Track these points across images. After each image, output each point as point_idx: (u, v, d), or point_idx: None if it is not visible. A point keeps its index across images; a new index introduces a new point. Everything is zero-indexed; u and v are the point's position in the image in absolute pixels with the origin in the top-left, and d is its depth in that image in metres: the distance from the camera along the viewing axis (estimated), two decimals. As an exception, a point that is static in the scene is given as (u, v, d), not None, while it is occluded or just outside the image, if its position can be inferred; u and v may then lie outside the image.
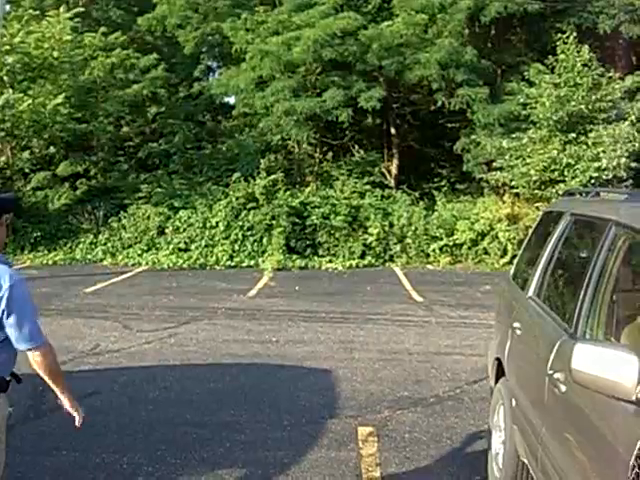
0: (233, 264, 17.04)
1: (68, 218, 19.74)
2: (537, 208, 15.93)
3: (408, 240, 17.42)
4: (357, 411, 6.34)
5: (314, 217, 17.55)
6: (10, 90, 18.65)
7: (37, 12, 19.99)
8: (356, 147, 21.78)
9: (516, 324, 4.52)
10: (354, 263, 16.93)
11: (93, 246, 18.51)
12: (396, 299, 12.32)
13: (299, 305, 11.74)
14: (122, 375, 7.39)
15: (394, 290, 13.46)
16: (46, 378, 3.36)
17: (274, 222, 17.39)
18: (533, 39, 20.64)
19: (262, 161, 19.19)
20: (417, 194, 18.98)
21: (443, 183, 19.81)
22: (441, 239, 17.28)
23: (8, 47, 18.67)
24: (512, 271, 5.66)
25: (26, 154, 21.56)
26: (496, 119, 17.63)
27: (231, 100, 23.34)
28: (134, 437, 5.66)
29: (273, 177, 18.51)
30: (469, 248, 17.16)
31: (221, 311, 11.10)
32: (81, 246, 18.47)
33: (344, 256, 17.21)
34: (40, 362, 3.30)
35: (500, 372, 4.86)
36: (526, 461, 3.89)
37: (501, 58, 20.03)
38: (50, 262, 17.59)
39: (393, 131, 21.19)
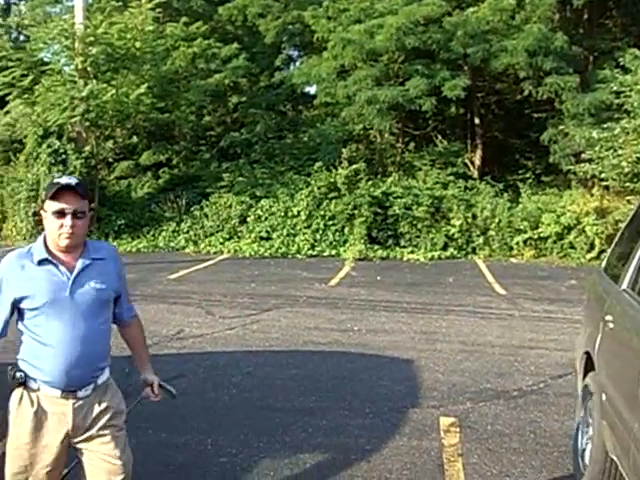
0: (314, 253, 17.10)
1: (151, 206, 20.13)
2: (628, 201, 15.45)
3: (491, 232, 17.14)
4: (439, 401, 6.27)
5: (396, 207, 17.41)
6: (94, 81, 19.06)
7: (119, 3, 20.32)
8: (439, 137, 21.55)
9: (608, 317, 4.38)
10: (436, 254, 16.76)
11: (176, 234, 18.85)
12: (478, 291, 12.15)
13: (380, 295, 11.69)
14: (206, 359, 7.49)
15: (476, 282, 13.27)
16: (140, 344, 3.45)
17: (356, 212, 17.35)
18: (630, 22, 19.96)
19: (344, 151, 19.16)
20: (501, 186, 18.62)
21: (528, 175, 19.41)
22: (525, 232, 16.91)
23: (92, 38, 19.06)
24: (604, 263, 5.49)
25: (110, 144, 22.08)
26: (586, 109, 17.14)
27: (312, 89, 23.39)
28: (218, 420, 5.74)
29: (355, 167, 18.46)
30: (554, 242, 16.75)
31: (303, 299, 11.15)
32: (164, 234, 18.83)
33: (426, 247, 17.05)
34: (140, 327, 3.45)
35: (589, 366, 4.72)
36: (615, 457, 3.77)
37: (593, 44, 19.42)
38: (134, 249, 17.99)
39: (477, 121, 20.88)
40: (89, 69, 19.41)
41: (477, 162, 20.51)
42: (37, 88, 19.81)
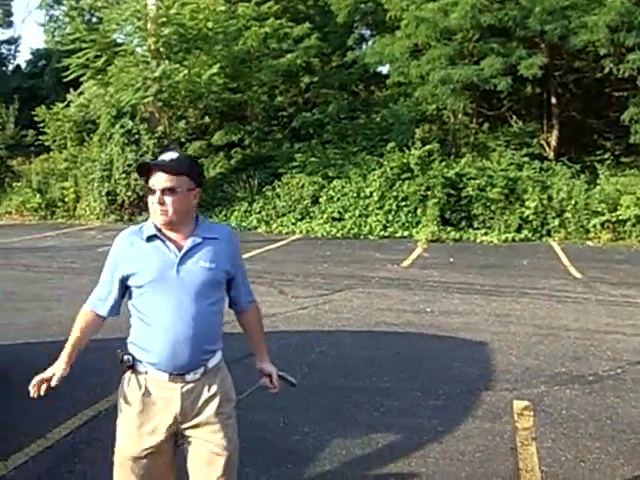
0: (387, 234, 17.06)
1: (223, 186, 20.37)
2: None
3: (567, 214, 16.79)
4: (513, 384, 6.20)
5: (470, 189, 17.21)
6: (166, 61, 19.32)
7: (191, -17, 20.46)
8: (514, 117, 21.19)
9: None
10: (510, 237, 16.53)
11: (248, 214, 19.04)
12: (553, 274, 11.93)
13: (453, 277, 11.60)
14: (278, 339, 7.55)
15: (551, 265, 13.04)
16: (257, 332, 3.35)
17: (429, 193, 17.22)
18: None
19: (417, 131, 19.04)
20: (578, 167, 18.19)
21: (607, 156, 18.89)
22: (603, 214, 16.51)
23: (164, 19, 19.31)
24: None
25: (182, 124, 22.40)
26: (671, 86, 16.57)
27: (385, 69, 23.23)
28: (291, 398, 5.78)
29: (428, 147, 18.31)
30: (633, 225, 16.30)
31: (375, 280, 11.15)
32: (236, 214, 19.04)
33: (500, 229, 16.83)
34: (257, 314, 3.36)
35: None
36: None
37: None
38: (207, 229, 18.18)
39: (554, 100, 20.42)
40: (161, 50, 19.69)
41: (553, 143, 20.08)
42: (110, 69, 20.23)
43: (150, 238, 2.99)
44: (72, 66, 20.87)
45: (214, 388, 3.06)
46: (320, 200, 18.63)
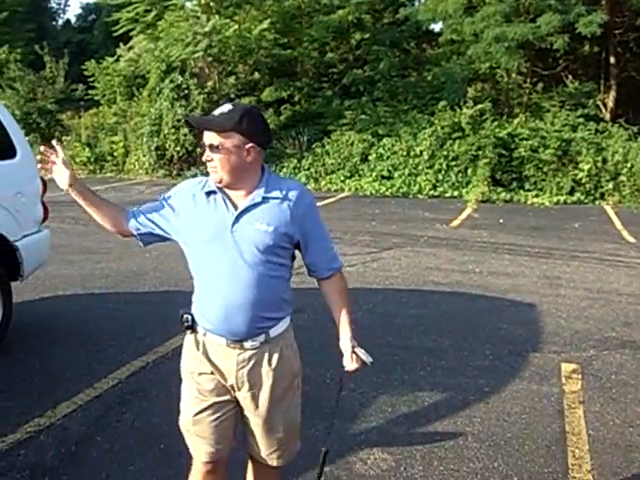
0: (436, 194, 16.92)
1: (272, 143, 20.29)
2: None
3: (622, 178, 16.41)
4: (561, 347, 6.15)
5: (522, 149, 16.90)
6: (217, 16, 19.24)
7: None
8: (569, 77, 20.68)
9: None
10: (562, 199, 16.26)
11: (297, 171, 19.02)
12: (606, 238, 11.73)
13: (503, 238, 11.48)
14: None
15: (604, 229, 12.80)
16: (337, 303, 2.98)
17: (480, 153, 16.97)
18: None
19: (469, 90, 18.75)
20: (635, 129, 17.70)
21: (666, 118, 18.38)
22: (659, 178, 16.13)
23: (214, -27, 19.21)
24: None
25: (232, 79, 22.33)
26: None
27: (437, 26, 22.86)
28: (337, 355, 5.77)
29: (480, 107, 18.01)
30: (690, 188, 15.92)
31: (424, 239, 11.09)
32: (285, 170, 19.03)
33: (551, 191, 16.55)
34: (339, 285, 2.99)
35: None
36: None
37: None
38: (256, 185, 18.24)
39: (612, 60, 19.85)
40: (212, 4, 19.63)
41: (610, 104, 19.59)
42: (160, 24, 20.26)
43: (209, 193, 2.80)
44: (122, 20, 20.97)
45: (275, 358, 2.87)
46: (369, 158, 18.52)
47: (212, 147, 2.72)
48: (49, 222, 6.69)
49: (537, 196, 16.38)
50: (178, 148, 19.73)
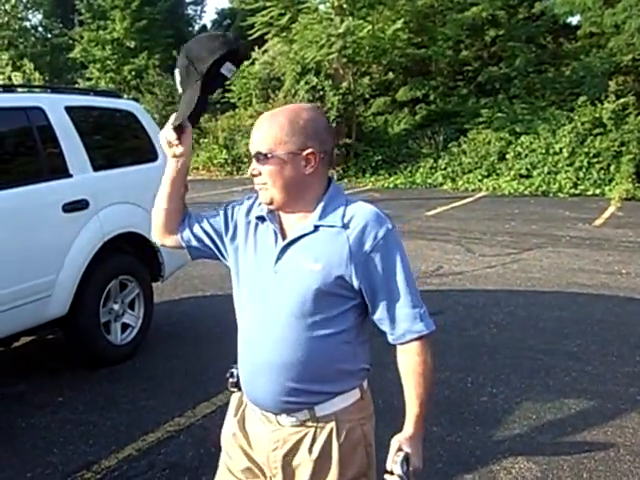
0: (577, 192, 16.33)
1: (408, 143, 20.27)
2: None
3: None
4: None
5: (669, 144, 16.07)
6: (350, 17, 19.30)
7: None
8: None
9: None
10: None
11: (433, 170, 18.87)
12: None
13: (651, 237, 10.94)
14: (465, 297, 7.45)
15: None
16: (409, 385, 2.12)
17: (623, 149, 16.26)
18: None
19: (610, 83, 17.95)
20: None
21: None
22: None
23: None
24: None
25: (366, 80, 22.38)
26: None
27: (575, 20, 22.12)
28: (478, 358, 5.69)
29: (623, 101, 17.25)
30: None
31: (565, 239, 10.70)
32: (421, 170, 18.92)
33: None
34: (418, 361, 2.11)
35: None
36: None
37: None
38: (391, 185, 18.28)
39: None
40: (345, 6, 19.71)
41: None
42: (294, 26, 20.51)
43: (259, 219, 2.19)
44: (257, 24, 21.35)
45: (318, 445, 2.11)
46: (507, 156, 18.13)
47: (259, 156, 2.08)
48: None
49: (688, 192, 15.51)
50: (313, 149, 19.94)
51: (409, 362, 2.10)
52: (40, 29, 36.39)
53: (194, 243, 2.29)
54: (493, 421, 4.57)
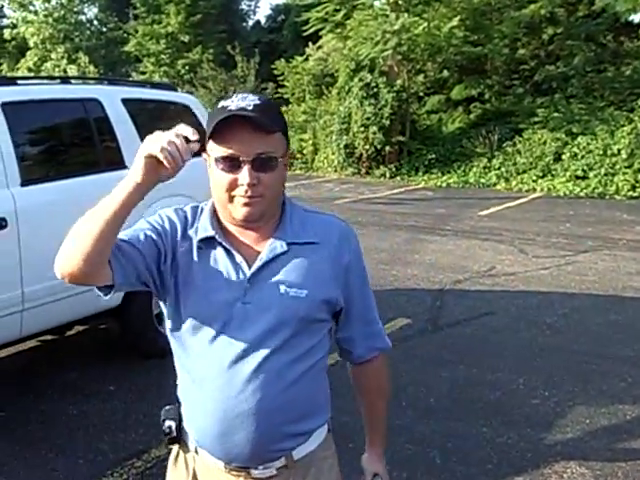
0: (635, 195, 15.92)
1: (462, 142, 20.10)
2: None
3: None
4: None
5: None
6: (406, 14, 19.20)
7: None
8: None
9: None
10: None
11: (487, 170, 18.65)
12: None
13: None
14: (518, 298, 7.34)
15: None
16: (371, 402, 2.05)
17: (684, 151, 15.87)
18: None
19: (674, 84, 17.55)
20: None
21: None
22: None
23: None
24: None
25: (420, 78, 22.22)
26: None
27: (637, 17, 21.62)
28: (530, 360, 5.61)
29: (687, 101, 16.85)
30: None
31: (622, 242, 10.45)
32: (474, 170, 18.72)
33: None
34: (380, 375, 2.03)
35: None
36: None
37: None
38: (444, 184, 18.13)
39: None
40: (400, 2, 19.63)
41: None
42: (349, 23, 20.47)
43: (204, 242, 1.79)
44: (311, 20, 21.37)
45: None
46: (563, 157, 17.80)
47: (260, 162, 1.70)
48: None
49: None
50: (367, 146, 19.86)
51: (374, 377, 2.01)
52: (95, 23, 37.05)
53: (129, 280, 1.74)
54: (545, 424, 4.51)
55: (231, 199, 1.72)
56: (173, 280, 1.77)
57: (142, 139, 1.64)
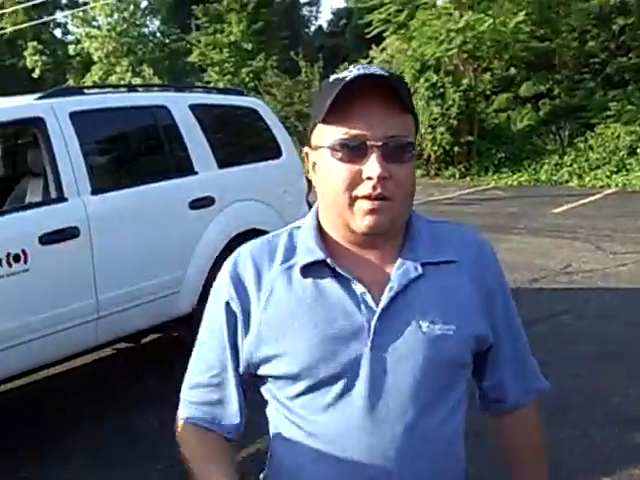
0: None
1: (532, 139, 19.79)
2: None
3: None
4: None
5: None
6: (470, 11, 19.00)
7: None
8: None
9: None
10: None
11: (558, 167, 18.28)
12: None
13: None
14: (596, 295, 7.14)
15: None
16: (528, 459, 1.56)
17: None
18: None
19: None
20: None
21: None
22: None
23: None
24: None
25: (487, 76, 21.95)
26: None
27: None
28: (610, 358, 5.43)
29: None
30: None
31: None
32: (545, 167, 18.36)
33: None
34: (533, 424, 1.57)
35: None
36: None
37: None
38: (514, 183, 17.84)
39: None
40: (464, 0, 19.38)
41: None
42: (412, 23, 20.34)
43: (310, 269, 1.37)
44: (374, 22, 21.30)
45: None
46: (638, 151, 17.34)
47: (393, 149, 1.30)
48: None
49: None
50: (435, 147, 19.65)
51: (527, 427, 1.56)
52: (158, 35, 37.70)
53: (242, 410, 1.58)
54: (630, 423, 4.36)
55: (351, 202, 1.30)
56: (265, 348, 1.39)
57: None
